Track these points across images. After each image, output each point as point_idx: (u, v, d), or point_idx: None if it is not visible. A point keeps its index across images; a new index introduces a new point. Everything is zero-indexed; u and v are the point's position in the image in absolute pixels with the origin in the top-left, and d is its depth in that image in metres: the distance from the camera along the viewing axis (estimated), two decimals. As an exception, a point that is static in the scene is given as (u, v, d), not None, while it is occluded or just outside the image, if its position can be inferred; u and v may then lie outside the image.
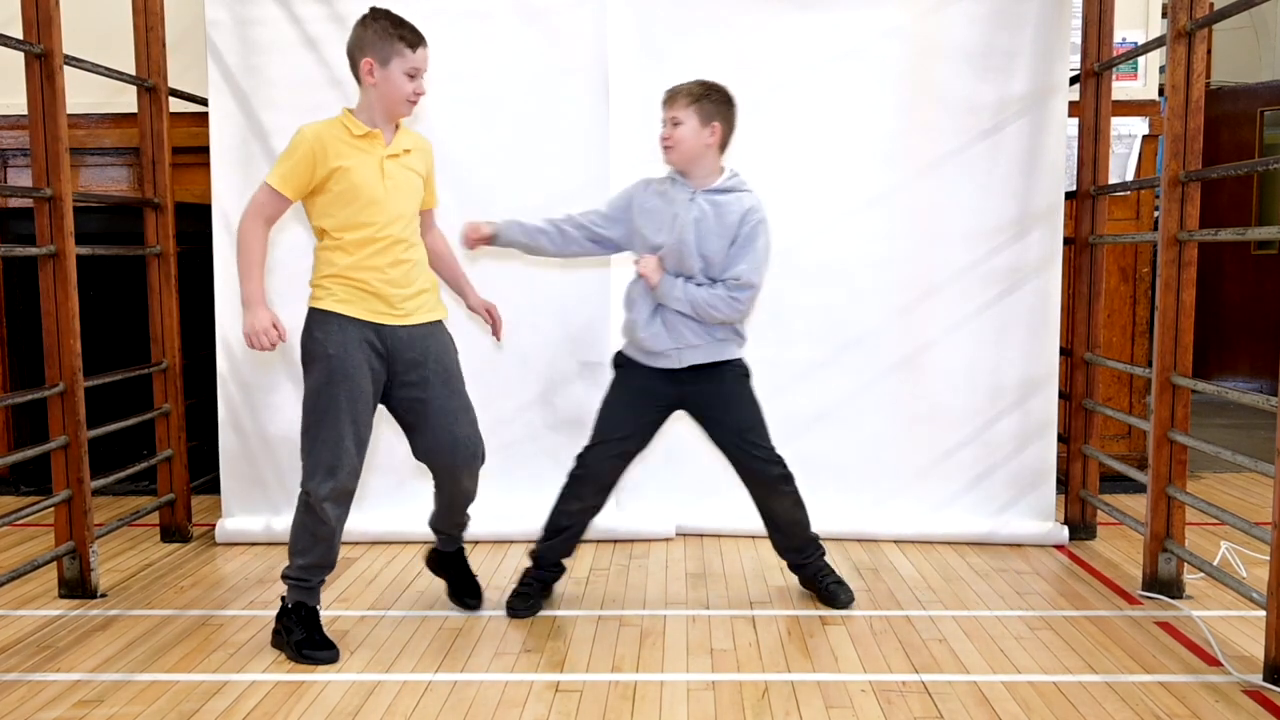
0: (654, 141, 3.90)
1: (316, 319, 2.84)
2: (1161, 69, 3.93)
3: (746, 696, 2.59)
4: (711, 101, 3.00)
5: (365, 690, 2.65)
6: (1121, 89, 4.27)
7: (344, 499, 2.81)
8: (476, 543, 3.88)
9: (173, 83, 3.92)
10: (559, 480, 3.90)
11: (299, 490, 2.83)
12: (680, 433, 3.99)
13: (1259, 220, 6.84)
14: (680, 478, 3.96)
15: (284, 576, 2.89)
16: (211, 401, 4.00)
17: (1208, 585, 3.35)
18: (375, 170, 2.79)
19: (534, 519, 3.87)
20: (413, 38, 2.78)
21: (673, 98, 3.03)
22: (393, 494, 3.95)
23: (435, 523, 3.20)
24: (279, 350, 3.90)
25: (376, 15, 2.79)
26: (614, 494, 3.28)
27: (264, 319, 2.75)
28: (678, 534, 3.98)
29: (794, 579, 3.35)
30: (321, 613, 2.98)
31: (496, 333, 3.17)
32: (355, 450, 2.79)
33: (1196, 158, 3.16)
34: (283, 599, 2.91)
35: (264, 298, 2.78)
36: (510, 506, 3.90)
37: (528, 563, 3.28)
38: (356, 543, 3.88)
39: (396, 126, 2.87)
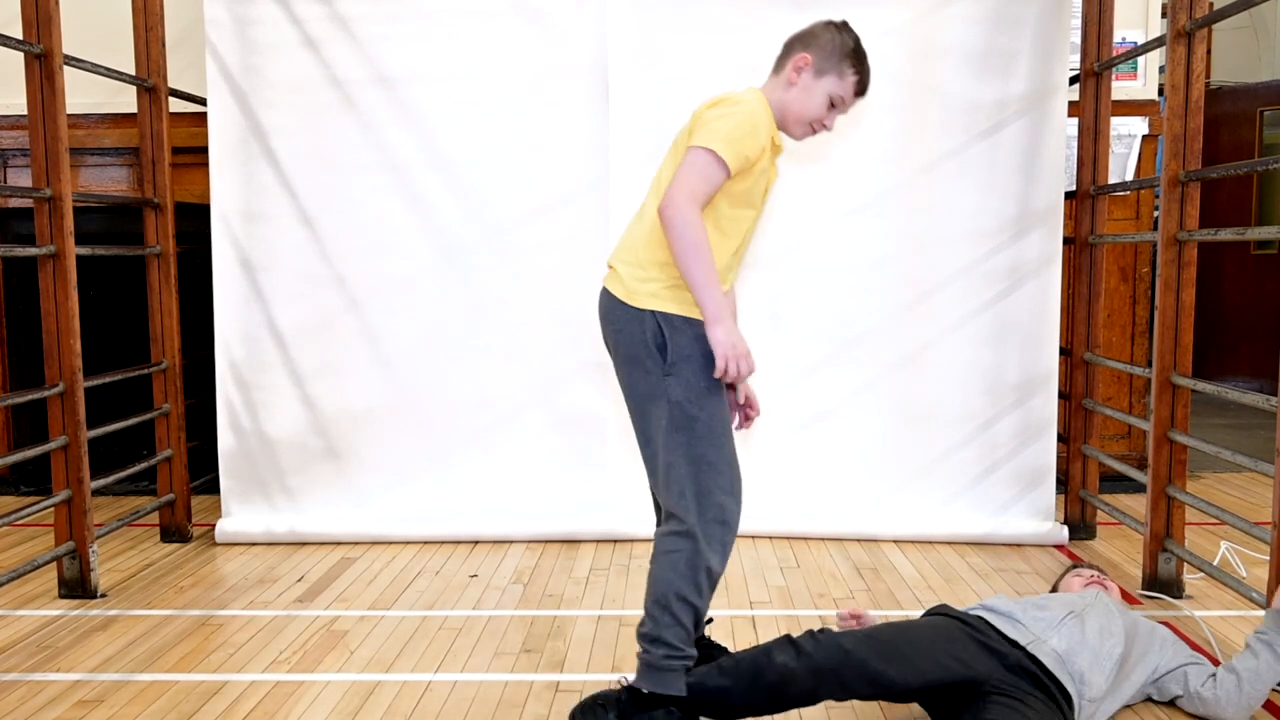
0: (654, 143, 3.91)
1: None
2: (1161, 69, 3.93)
3: (746, 696, 2.59)
4: None
5: (365, 690, 2.64)
6: (1121, 89, 4.27)
7: None
8: (476, 543, 3.88)
9: (172, 82, 3.92)
10: (558, 480, 3.92)
11: (677, 527, 2.25)
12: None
13: (1259, 220, 6.84)
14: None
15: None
16: (211, 401, 4.00)
17: (1208, 585, 3.35)
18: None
19: (534, 519, 3.91)
20: (863, 76, 2.43)
21: None
22: (393, 494, 3.95)
23: None
24: (279, 346, 3.95)
25: (848, 29, 2.45)
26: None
27: (742, 337, 2.27)
28: (678, 534, 3.97)
29: (794, 578, 3.35)
30: (322, 613, 2.97)
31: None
32: None
33: (1196, 158, 3.16)
34: (631, 689, 2.29)
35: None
36: (510, 506, 3.91)
37: (529, 562, 3.27)
38: (356, 543, 3.88)
39: None
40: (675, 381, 2.25)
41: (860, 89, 2.45)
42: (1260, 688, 2.37)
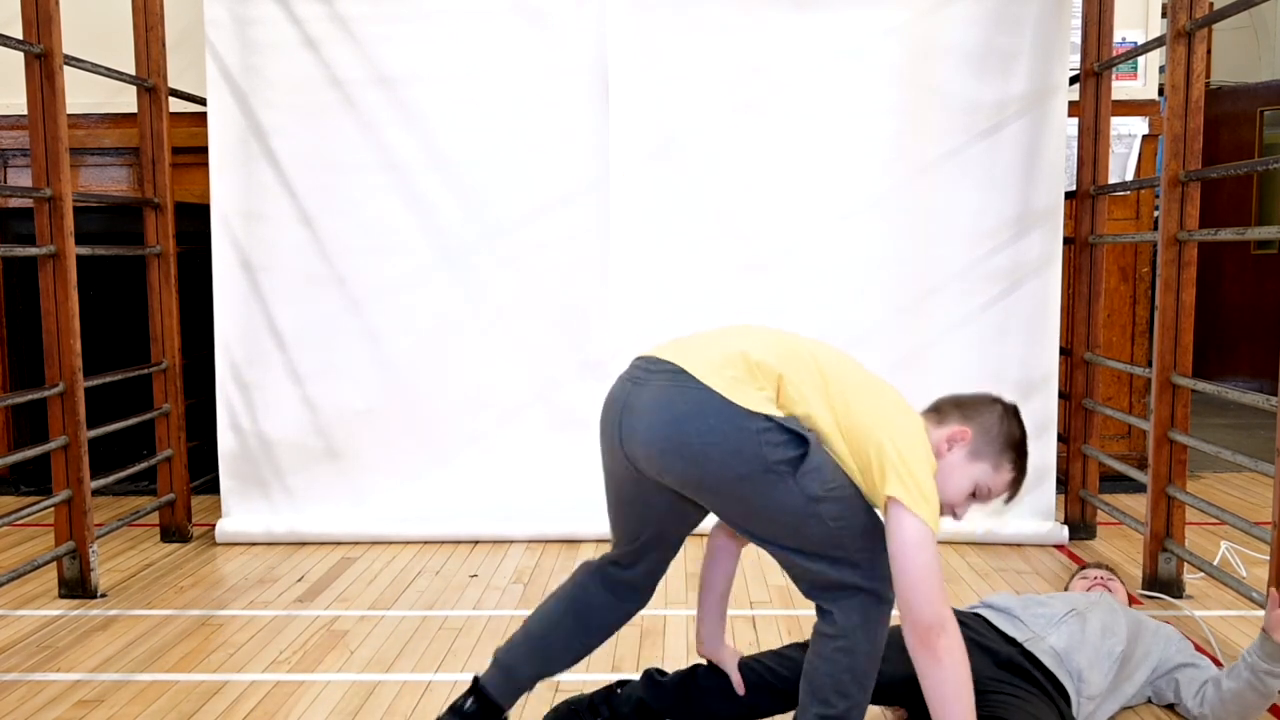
0: (654, 143, 3.93)
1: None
2: (1161, 69, 3.92)
3: (746, 696, 2.58)
4: None
5: (365, 690, 2.64)
6: (1121, 89, 4.27)
7: None
8: (476, 543, 3.88)
9: (172, 82, 3.92)
10: (558, 479, 3.92)
11: (855, 594, 2.03)
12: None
13: (1259, 220, 6.84)
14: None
15: None
16: (211, 401, 4.00)
17: (1208, 585, 3.35)
18: None
19: (534, 519, 3.91)
20: (1020, 476, 2.14)
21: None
22: (393, 494, 3.95)
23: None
24: (279, 346, 3.95)
25: (1017, 417, 2.13)
26: None
27: None
28: (678, 534, 3.97)
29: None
30: (322, 613, 2.93)
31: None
32: None
33: (1196, 158, 3.16)
34: None
35: None
36: (511, 507, 3.91)
37: (529, 562, 3.28)
38: (356, 543, 3.88)
39: None
40: (810, 479, 1.96)
41: (1014, 490, 2.14)
42: (1243, 708, 2.31)
